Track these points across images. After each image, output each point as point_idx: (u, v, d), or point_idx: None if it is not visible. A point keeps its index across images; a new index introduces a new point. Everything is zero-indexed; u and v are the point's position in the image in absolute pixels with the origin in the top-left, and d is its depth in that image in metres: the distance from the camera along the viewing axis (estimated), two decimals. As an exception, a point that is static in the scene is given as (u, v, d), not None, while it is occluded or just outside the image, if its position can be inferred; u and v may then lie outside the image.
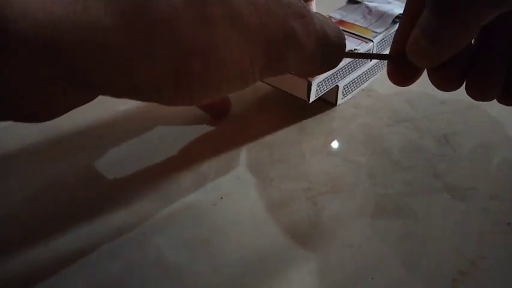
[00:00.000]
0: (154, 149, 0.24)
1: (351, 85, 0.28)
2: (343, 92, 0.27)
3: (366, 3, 0.30)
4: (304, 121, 0.27)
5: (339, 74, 0.26)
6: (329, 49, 0.19)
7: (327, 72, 0.24)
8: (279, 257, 0.19)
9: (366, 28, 0.28)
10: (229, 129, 0.26)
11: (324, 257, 0.19)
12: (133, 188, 0.22)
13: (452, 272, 0.18)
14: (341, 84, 0.27)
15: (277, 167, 0.23)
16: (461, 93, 0.20)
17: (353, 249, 0.19)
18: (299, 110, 0.27)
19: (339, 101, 0.28)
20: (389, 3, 0.30)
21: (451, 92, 0.21)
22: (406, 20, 0.20)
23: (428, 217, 0.21)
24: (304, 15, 0.17)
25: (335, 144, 0.25)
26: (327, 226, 0.20)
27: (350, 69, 0.27)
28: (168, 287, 0.18)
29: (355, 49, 0.26)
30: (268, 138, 0.25)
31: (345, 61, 0.25)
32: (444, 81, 0.20)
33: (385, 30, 0.28)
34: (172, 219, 0.20)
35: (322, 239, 0.20)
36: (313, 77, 0.24)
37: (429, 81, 0.20)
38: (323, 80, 0.25)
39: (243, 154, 0.24)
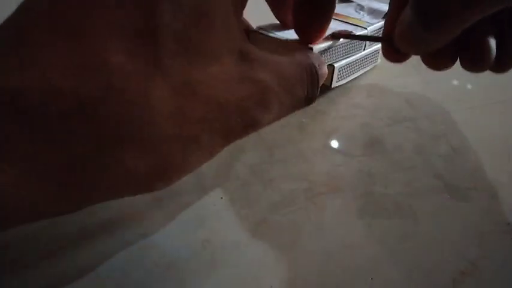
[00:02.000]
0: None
1: (346, 69, 0.28)
2: (338, 75, 0.27)
3: (357, 2, 0.31)
4: (305, 121, 0.27)
5: (334, 54, 0.26)
6: (303, 98, 0.18)
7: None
8: (278, 257, 0.19)
9: (359, 19, 0.29)
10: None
11: (324, 257, 0.19)
12: (133, 188, 0.22)
13: (452, 272, 0.18)
14: (337, 65, 0.27)
15: (277, 167, 0.23)
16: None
17: (353, 249, 0.19)
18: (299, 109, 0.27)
19: (334, 84, 0.28)
20: (379, 3, 0.31)
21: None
22: (394, 1, 0.20)
23: (428, 217, 0.21)
24: (264, 98, 0.16)
25: (335, 144, 0.25)
26: (326, 226, 0.20)
27: (345, 53, 0.27)
28: (168, 287, 0.18)
29: (351, 32, 0.26)
30: (268, 138, 0.25)
31: (343, 41, 0.25)
32: (437, 61, 0.20)
33: (378, 22, 0.29)
34: (172, 219, 0.20)
35: (322, 239, 0.20)
36: None
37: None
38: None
39: (243, 154, 0.24)
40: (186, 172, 0.15)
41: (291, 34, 0.23)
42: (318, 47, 0.24)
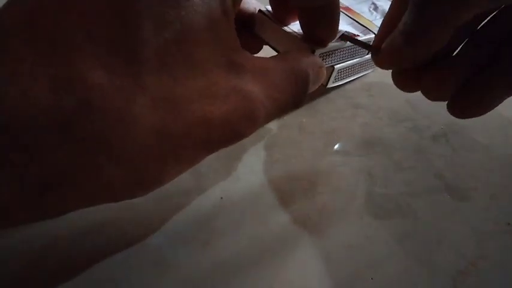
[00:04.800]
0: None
1: (345, 71, 0.28)
2: (336, 76, 0.27)
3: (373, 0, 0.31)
4: (304, 121, 0.27)
5: (337, 55, 0.25)
6: (290, 105, 0.18)
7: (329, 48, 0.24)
8: (278, 257, 0.19)
9: (371, 21, 0.28)
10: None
11: (324, 257, 0.19)
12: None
13: (452, 272, 0.18)
14: (337, 67, 0.26)
15: (277, 167, 0.23)
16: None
17: (353, 249, 0.19)
18: (299, 109, 0.27)
19: (330, 84, 0.27)
20: None
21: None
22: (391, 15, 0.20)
23: (428, 217, 0.21)
24: (251, 111, 0.16)
25: (335, 144, 0.25)
26: (326, 226, 0.20)
27: (348, 55, 0.26)
28: (168, 287, 0.18)
29: (357, 35, 0.26)
30: (268, 138, 0.25)
31: (347, 43, 0.25)
32: (404, 82, 0.20)
33: None
34: (172, 219, 0.20)
35: (322, 239, 0.20)
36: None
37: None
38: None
39: (243, 154, 0.24)
40: (166, 182, 0.15)
41: (299, 25, 0.23)
42: (322, 49, 0.23)
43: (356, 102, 0.28)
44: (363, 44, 0.25)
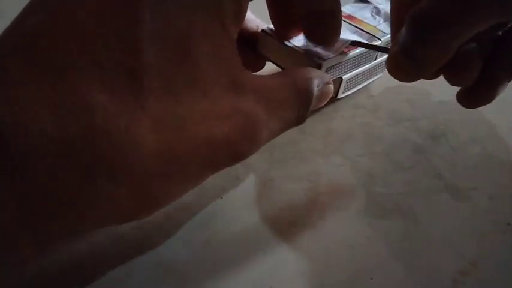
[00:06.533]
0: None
1: (354, 80, 0.27)
2: (345, 87, 0.27)
3: (375, 4, 0.30)
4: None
5: (344, 66, 0.25)
6: (294, 121, 0.18)
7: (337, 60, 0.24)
8: (279, 257, 0.19)
9: (375, 27, 0.28)
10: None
11: (324, 257, 0.19)
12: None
13: (452, 272, 0.18)
14: (345, 78, 0.26)
15: (277, 167, 0.23)
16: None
17: (353, 249, 0.19)
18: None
19: (340, 95, 0.27)
20: None
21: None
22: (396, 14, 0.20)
23: (428, 217, 0.21)
24: (254, 131, 0.16)
25: (335, 144, 0.25)
26: (327, 226, 0.20)
27: (355, 64, 0.26)
28: (168, 287, 0.18)
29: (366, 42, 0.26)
30: (268, 138, 0.25)
31: (353, 53, 0.25)
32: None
33: None
34: (172, 219, 0.20)
35: (322, 239, 0.20)
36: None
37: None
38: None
39: (243, 154, 0.24)
40: (170, 202, 0.15)
41: (303, 41, 0.23)
42: (329, 63, 0.23)
43: (356, 102, 0.28)
44: (375, 47, 0.25)
